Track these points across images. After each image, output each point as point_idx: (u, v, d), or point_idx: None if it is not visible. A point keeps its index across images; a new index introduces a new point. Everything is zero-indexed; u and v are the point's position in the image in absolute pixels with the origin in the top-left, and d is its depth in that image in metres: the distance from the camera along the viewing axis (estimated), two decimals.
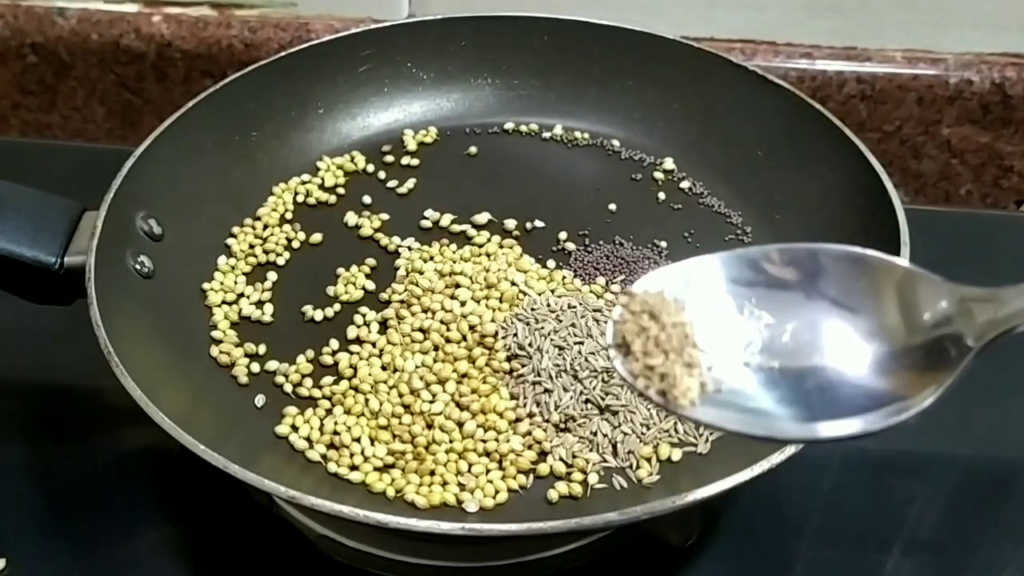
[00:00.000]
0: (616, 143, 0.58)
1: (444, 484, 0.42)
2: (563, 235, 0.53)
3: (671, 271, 0.30)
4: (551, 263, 0.51)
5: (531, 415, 0.43)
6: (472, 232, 0.53)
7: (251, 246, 0.52)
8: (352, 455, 0.43)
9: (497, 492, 0.41)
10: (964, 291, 0.28)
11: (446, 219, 0.54)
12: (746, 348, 0.28)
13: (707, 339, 0.28)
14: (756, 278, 0.29)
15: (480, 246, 0.52)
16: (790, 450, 0.37)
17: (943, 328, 0.27)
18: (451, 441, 0.43)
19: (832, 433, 0.27)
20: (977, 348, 0.27)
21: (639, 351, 0.28)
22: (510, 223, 0.53)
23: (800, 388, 0.28)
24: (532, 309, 0.47)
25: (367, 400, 0.45)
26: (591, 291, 0.49)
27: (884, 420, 0.27)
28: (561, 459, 0.42)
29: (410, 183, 0.56)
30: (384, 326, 0.48)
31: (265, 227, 0.53)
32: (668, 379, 0.28)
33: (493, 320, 0.47)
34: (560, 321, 0.46)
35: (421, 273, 0.50)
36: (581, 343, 0.45)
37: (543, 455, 0.43)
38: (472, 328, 0.47)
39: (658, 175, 0.56)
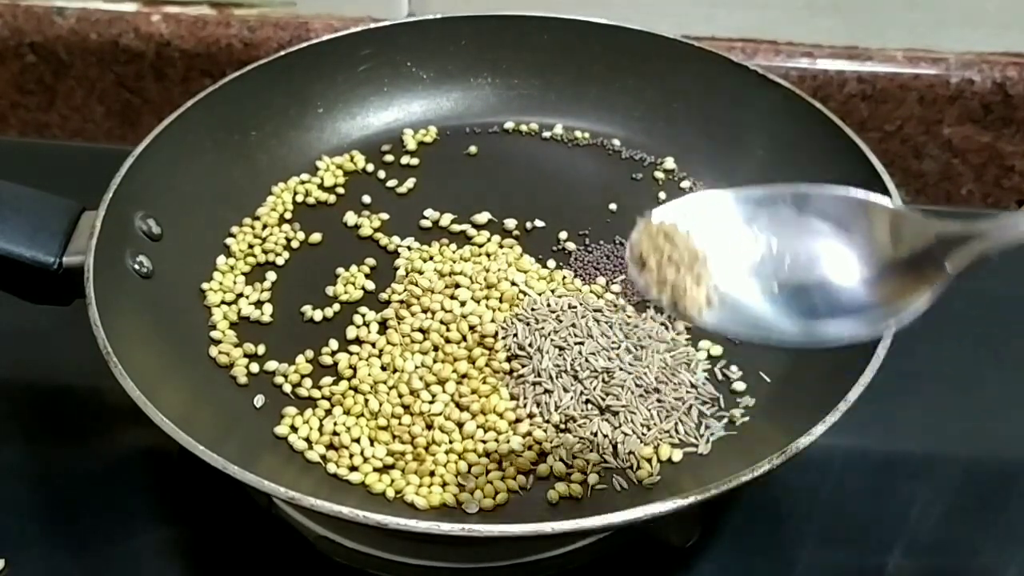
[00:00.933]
0: (616, 142, 0.58)
1: (444, 485, 0.41)
2: (563, 235, 0.53)
3: (686, 201, 0.34)
4: (551, 263, 0.51)
5: (531, 416, 0.43)
6: (472, 232, 0.53)
7: (250, 246, 0.52)
8: (352, 456, 0.43)
9: (497, 493, 0.41)
10: (944, 225, 0.32)
11: (446, 219, 0.53)
12: (749, 267, 0.32)
13: (715, 258, 0.32)
14: (759, 211, 0.33)
15: (480, 246, 0.52)
16: (791, 451, 0.37)
17: (925, 255, 0.31)
18: (451, 442, 0.43)
19: (824, 335, 0.31)
20: (955, 273, 0.31)
21: (654, 266, 0.32)
22: (510, 223, 0.53)
23: (796, 301, 0.32)
24: (532, 309, 0.47)
25: (367, 400, 0.44)
26: (591, 291, 0.49)
27: (871, 326, 0.32)
28: (561, 460, 0.42)
29: (410, 183, 0.56)
30: (384, 326, 0.48)
31: (264, 227, 0.53)
32: (679, 290, 0.32)
33: (493, 320, 0.47)
34: (560, 321, 0.46)
35: (421, 273, 0.50)
36: (581, 343, 0.45)
37: (543, 456, 0.43)
38: (472, 328, 0.47)
39: (659, 175, 0.56)
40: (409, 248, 0.52)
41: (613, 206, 0.54)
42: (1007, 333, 0.56)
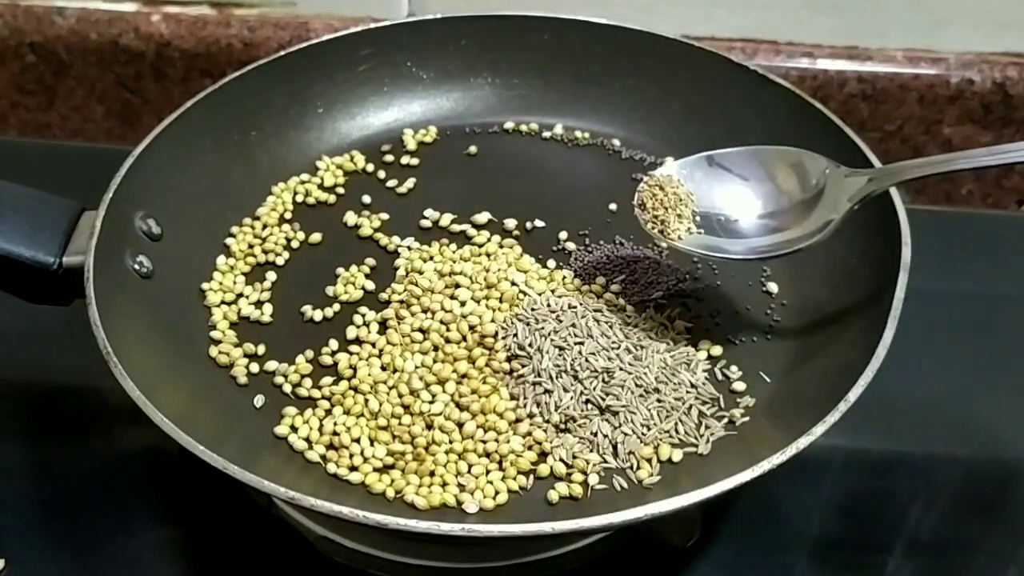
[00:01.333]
0: (616, 142, 0.58)
1: (444, 485, 0.41)
2: (563, 235, 0.53)
3: (675, 164, 0.48)
4: (551, 263, 0.51)
5: (531, 416, 0.43)
6: (472, 232, 0.53)
7: (250, 246, 0.52)
8: (352, 456, 0.43)
9: (497, 493, 0.41)
10: (842, 169, 0.45)
11: (446, 219, 0.53)
12: (710, 206, 0.46)
13: (693, 200, 0.46)
14: (715, 170, 0.47)
15: (480, 246, 0.52)
16: (791, 451, 0.37)
17: (827, 192, 0.44)
18: (451, 442, 0.43)
19: (759, 249, 0.45)
20: (851, 205, 0.43)
21: (650, 207, 0.46)
22: (510, 223, 0.53)
23: (743, 229, 0.46)
24: (532, 309, 0.47)
25: (367, 400, 0.44)
26: (591, 291, 0.49)
27: (793, 241, 0.44)
28: (561, 460, 0.42)
29: (410, 183, 0.56)
30: (384, 326, 0.48)
31: (264, 227, 0.53)
32: (666, 224, 0.45)
33: (493, 320, 0.47)
34: (560, 321, 0.46)
35: (421, 273, 0.50)
36: (581, 343, 0.45)
37: (543, 456, 0.43)
38: (472, 328, 0.47)
39: None
40: (409, 248, 0.52)
41: (613, 206, 0.54)
42: (1007, 333, 0.56)
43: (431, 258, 0.51)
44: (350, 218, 0.54)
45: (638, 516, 0.36)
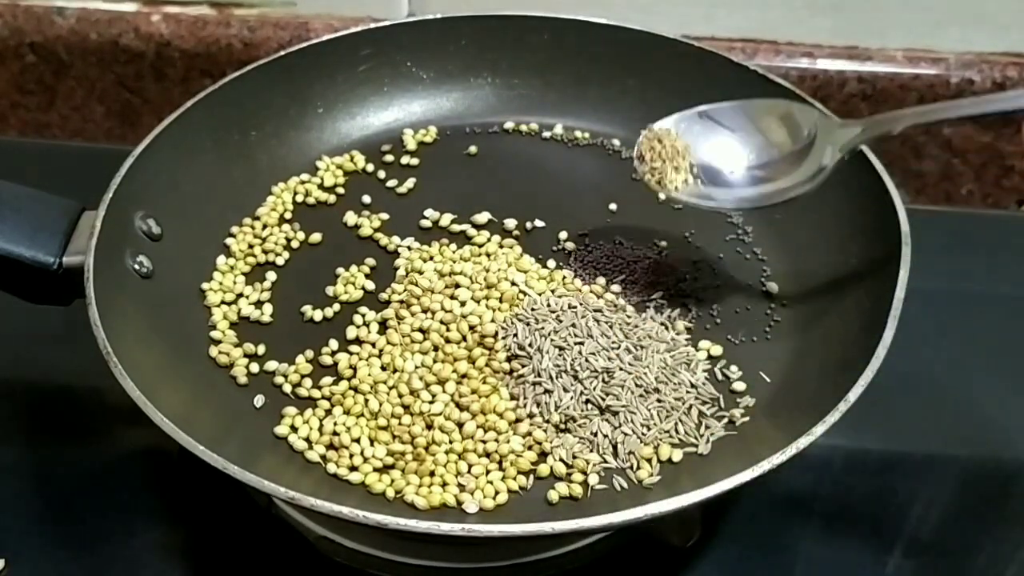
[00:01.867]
0: (616, 143, 0.58)
1: (444, 485, 0.41)
2: (563, 235, 0.53)
3: (673, 118, 0.48)
4: (551, 263, 0.51)
5: (531, 416, 0.43)
6: (472, 232, 0.53)
7: (250, 246, 0.52)
8: (352, 456, 0.43)
9: (497, 493, 0.41)
10: (833, 119, 0.46)
11: (446, 219, 0.53)
12: (705, 158, 0.47)
13: (692, 153, 0.47)
14: (708, 123, 0.48)
15: (480, 246, 0.52)
16: (791, 451, 0.37)
17: (818, 143, 0.45)
18: (451, 442, 0.43)
19: (747, 198, 0.47)
20: (842, 155, 0.44)
21: (648, 159, 0.47)
22: (510, 223, 0.53)
23: (735, 180, 0.47)
24: (532, 309, 0.47)
25: (367, 400, 0.44)
26: (591, 291, 0.49)
27: (782, 193, 0.46)
28: (561, 460, 0.42)
29: (410, 183, 0.56)
30: (384, 326, 0.48)
31: (264, 227, 0.53)
32: (663, 175, 0.47)
33: (493, 320, 0.47)
34: (560, 321, 0.46)
35: (421, 273, 0.50)
36: (581, 343, 0.45)
37: (543, 456, 0.43)
38: (472, 328, 0.47)
39: None
40: (409, 248, 0.52)
41: (613, 206, 0.54)
42: (1007, 333, 0.56)
43: (431, 258, 0.51)
44: (350, 218, 0.54)
45: (638, 516, 0.36)
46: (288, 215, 0.54)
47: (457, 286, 0.49)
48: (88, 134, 0.74)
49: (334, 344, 0.47)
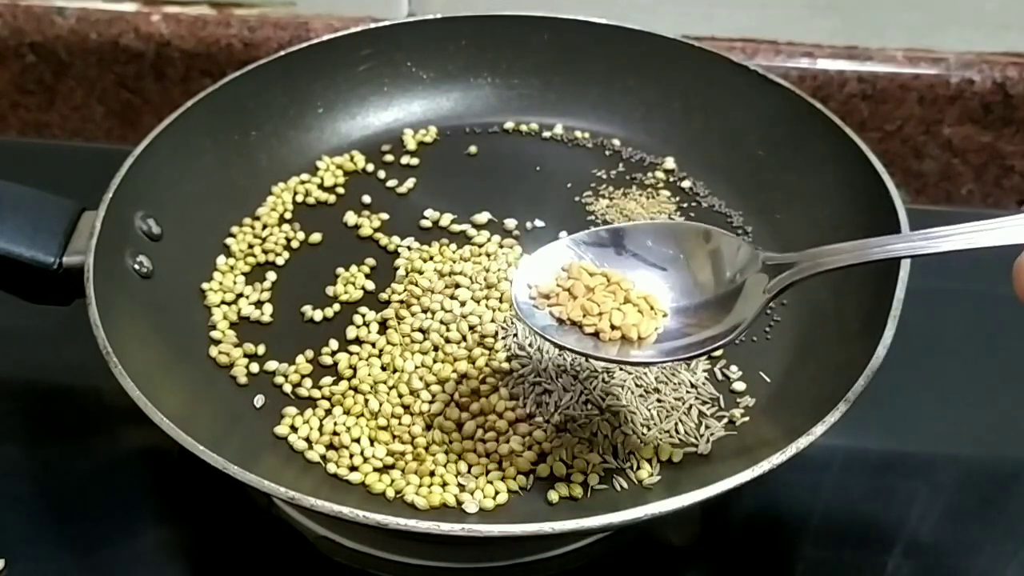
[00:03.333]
0: (616, 143, 0.58)
1: (444, 485, 0.41)
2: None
3: (578, 247, 0.40)
4: None
5: (531, 416, 0.43)
6: (472, 232, 0.53)
7: (250, 246, 0.52)
8: (351, 456, 0.43)
9: (497, 493, 0.41)
10: (761, 254, 0.38)
11: (446, 219, 0.53)
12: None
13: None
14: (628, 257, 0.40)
15: (480, 246, 0.52)
16: (791, 451, 0.37)
17: (745, 279, 0.38)
18: (451, 442, 0.43)
19: (667, 351, 0.38)
20: (770, 296, 0.37)
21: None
22: (510, 223, 0.53)
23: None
24: None
25: (367, 400, 0.44)
26: None
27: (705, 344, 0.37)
28: (561, 460, 0.42)
29: (410, 183, 0.56)
30: (384, 326, 0.48)
31: (264, 227, 0.53)
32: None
33: (493, 320, 0.47)
34: None
35: (421, 273, 0.50)
36: None
37: (543, 456, 0.42)
38: (472, 328, 0.47)
39: (659, 174, 0.56)
40: (409, 248, 0.52)
41: None
42: (1007, 334, 0.56)
43: (431, 258, 0.51)
44: (350, 218, 0.54)
45: (638, 516, 0.36)
46: (288, 215, 0.54)
47: (457, 286, 0.49)
48: (88, 134, 0.74)
49: (334, 344, 0.47)
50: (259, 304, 0.50)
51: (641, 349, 0.38)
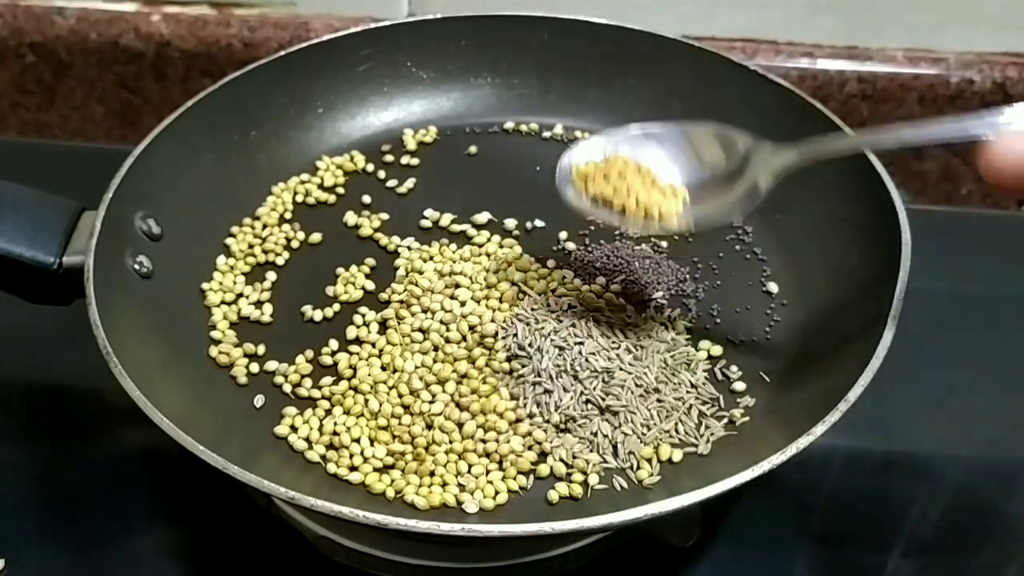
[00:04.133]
0: None
1: (444, 485, 0.41)
2: (563, 235, 0.53)
3: (614, 140, 0.46)
4: (551, 263, 0.51)
5: (531, 416, 0.43)
6: (472, 232, 0.53)
7: (250, 246, 0.52)
8: (352, 456, 0.43)
9: (497, 493, 0.41)
10: (763, 143, 0.43)
11: (446, 219, 0.53)
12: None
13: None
14: (651, 143, 0.46)
15: (480, 246, 0.52)
16: (791, 451, 0.37)
17: (751, 164, 0.43)
18: (451, 442, 0.43)
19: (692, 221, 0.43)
20: (772, 180, 0.42)
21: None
22: (510, 223, 0.53)
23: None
24: (532, 309, 0.47)
25: (367, 400, 0.44)
26: (591, 291, 0.49)
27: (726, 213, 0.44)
28: (561, 460, 0.42)
29: (410, 183, 0.56)
30: (384, 326, 0.48)
31: (264, 227, 0.53)
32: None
33: (493, 320, 0.47)
34: (560, 321, 0.46)
35: (421, 273, 0.50)
36: (581, 343, 0.45)
37: (543, 456, 0.43)
38: (472, 328, 0.47)
39: None
40: (409, 248, 0.52)
41: None
42: (1007, 334, 0.56)
43: (431, 258, 0.51)
44: (350, 218, 0.54)
45: (638, 516, 0.36)
46: (288, 215, 0.54)
47: (457, 286, 0.49)
48: (88, 134, 0.74)
49: (334, 344, 0.47)
50: (259, 304, 0.50)
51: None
